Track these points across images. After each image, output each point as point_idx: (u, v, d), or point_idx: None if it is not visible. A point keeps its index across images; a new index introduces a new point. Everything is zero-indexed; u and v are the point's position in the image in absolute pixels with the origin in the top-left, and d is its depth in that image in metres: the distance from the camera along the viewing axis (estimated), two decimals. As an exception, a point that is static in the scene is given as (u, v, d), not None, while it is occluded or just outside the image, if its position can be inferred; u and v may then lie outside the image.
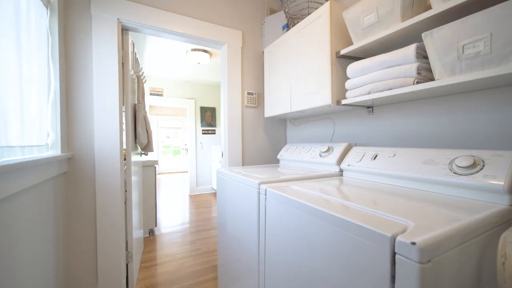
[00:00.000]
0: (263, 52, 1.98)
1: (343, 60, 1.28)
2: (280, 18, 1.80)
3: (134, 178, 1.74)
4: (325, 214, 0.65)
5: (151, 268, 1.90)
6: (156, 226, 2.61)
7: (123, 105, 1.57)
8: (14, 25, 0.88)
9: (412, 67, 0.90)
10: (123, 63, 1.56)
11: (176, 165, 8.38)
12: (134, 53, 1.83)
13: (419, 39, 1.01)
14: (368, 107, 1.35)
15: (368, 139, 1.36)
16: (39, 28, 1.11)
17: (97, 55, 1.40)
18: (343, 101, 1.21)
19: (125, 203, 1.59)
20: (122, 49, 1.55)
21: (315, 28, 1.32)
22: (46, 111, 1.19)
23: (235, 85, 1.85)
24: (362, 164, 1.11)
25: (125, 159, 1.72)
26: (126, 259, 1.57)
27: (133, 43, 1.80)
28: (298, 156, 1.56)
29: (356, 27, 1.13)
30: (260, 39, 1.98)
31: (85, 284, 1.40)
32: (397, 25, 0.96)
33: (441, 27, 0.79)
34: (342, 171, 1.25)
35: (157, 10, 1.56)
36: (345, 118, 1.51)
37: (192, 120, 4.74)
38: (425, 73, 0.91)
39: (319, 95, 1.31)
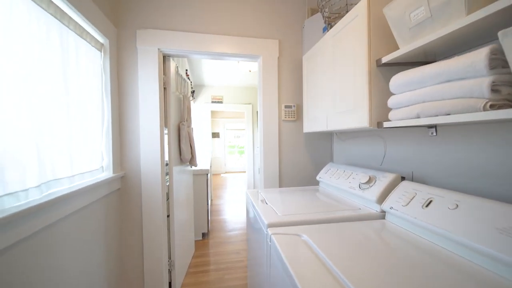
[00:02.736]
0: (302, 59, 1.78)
1: (388, 69, 0.99)
2: (321, 19, 1.57)
3: (183, 185, 1.89)
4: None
5: (196, 274, 2.03)
6: (208, 230, 2.79)
7: (166, 126, 1.72)
8: (62, 72, 1.04)
9: (482, 83, 0.59)
10: (165, 88, 1.69)
11: (241, 164, 8.86)
12: (178, 75, 1.97)
13: (494, 38, 0.66)
14: (430, 127, 1.01)
15: (429, 168, 1.01)
16: (92, 69, 1.31)
17: (142, 84, 1.56)
18: (386, 124, 0.94)
19: (168, 216, 1.74)
20: (164, 75, 1.68)
21: (351, 31, 1.07)
22: (101, 139, 1.41)
23: (271, 99, 1.74)
24: (409, 211, 0.83)
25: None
26: (169, 266, 1.72)
27: (177, 67, 1.94)
28: (336, 182, 1.32)
29: (401, 26, 0.84)
30: (300, 45, 1.79)
31: None
32: (459, 21, 0.65)
33: (532, 20, 0.48)
34: (384, 213, 0.97)
35: (192, 34, 1.62)
36: (399, 138, 1.18)
37: (250, 124, 4.85)
38: (507, 89, 0.58)
39: (355, 115, 1.06)
